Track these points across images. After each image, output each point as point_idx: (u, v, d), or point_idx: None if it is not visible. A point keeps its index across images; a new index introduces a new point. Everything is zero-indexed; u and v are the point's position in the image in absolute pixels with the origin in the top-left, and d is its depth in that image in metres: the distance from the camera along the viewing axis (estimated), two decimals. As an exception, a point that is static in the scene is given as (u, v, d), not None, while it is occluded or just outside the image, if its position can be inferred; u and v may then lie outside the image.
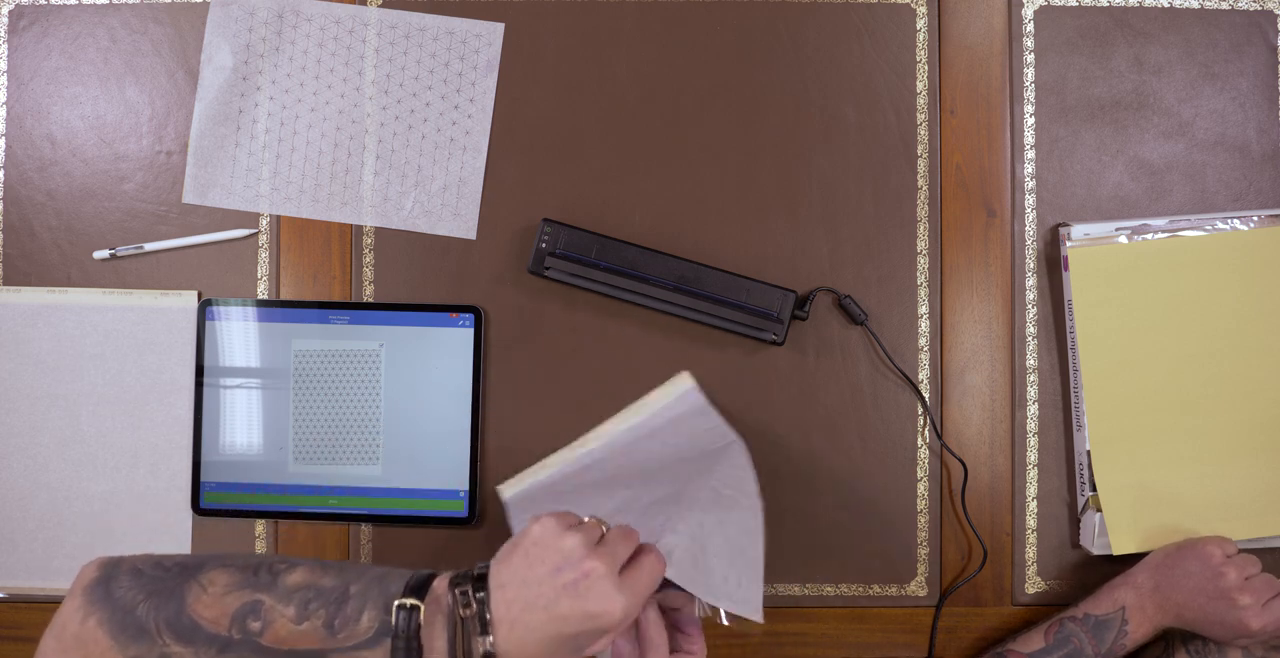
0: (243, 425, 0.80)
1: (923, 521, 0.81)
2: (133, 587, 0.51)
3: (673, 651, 0.60)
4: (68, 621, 0.50)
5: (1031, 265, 0.82)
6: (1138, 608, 0.74)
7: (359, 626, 0.49)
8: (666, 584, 0.57)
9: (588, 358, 0.81)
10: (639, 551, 0.53)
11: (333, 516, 0.80)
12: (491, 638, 0.48)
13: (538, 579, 0.49)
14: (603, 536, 0.52)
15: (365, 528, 0.81)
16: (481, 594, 0.49)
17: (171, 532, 0.80)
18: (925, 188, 0.82)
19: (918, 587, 0.81)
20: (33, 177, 0.82)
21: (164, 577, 0.51)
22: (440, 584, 0.51)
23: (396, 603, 0.49)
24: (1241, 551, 0.74)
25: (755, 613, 0.62)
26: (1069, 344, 0.80)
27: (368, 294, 0.81)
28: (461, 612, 0.49)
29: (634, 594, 0.50)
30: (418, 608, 0.49)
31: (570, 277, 0.78)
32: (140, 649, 0.49)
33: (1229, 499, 0.78)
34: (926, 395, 0.81)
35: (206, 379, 0.80)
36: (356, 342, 0.80)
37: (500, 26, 0.82)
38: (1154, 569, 0.75)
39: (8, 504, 0.81)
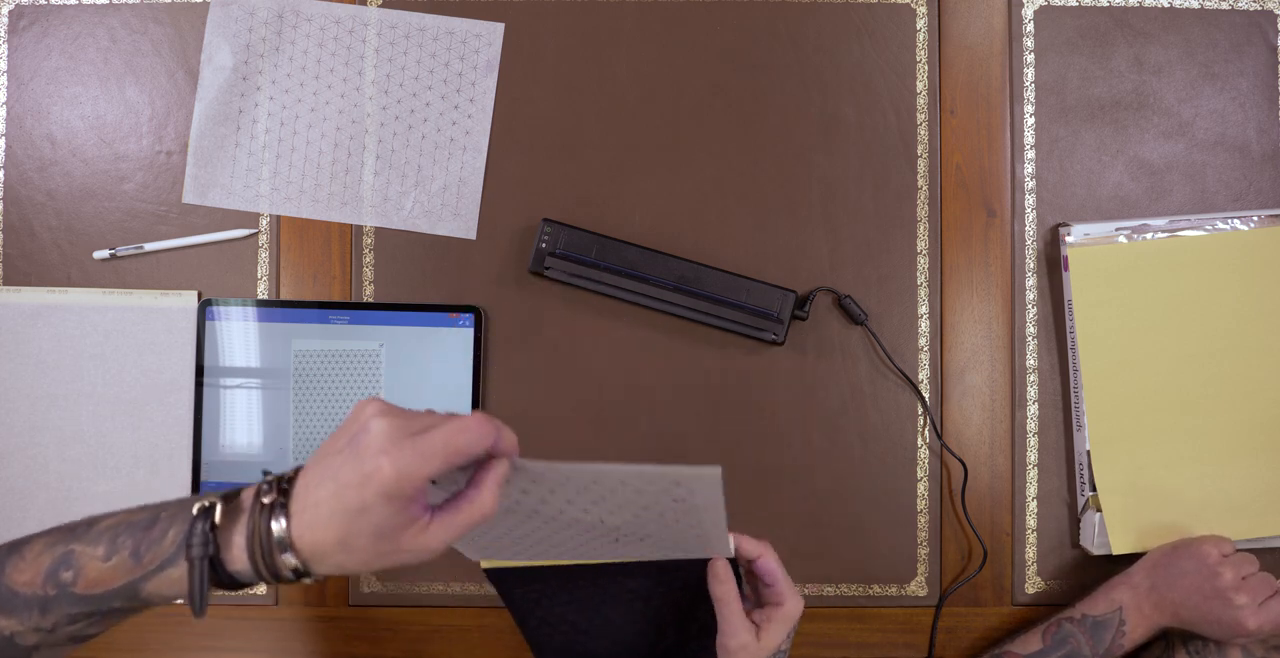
0: (243, 425, 0.80)
1: (923, 521, 0.81)
2: None
3: (762, 604, 0.62)
4: None
5: (1031, 265, 0.82)
6: (1135, 608, 0.74)
7: (162, 545, 0.46)
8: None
9: (588, 358, 0.81)
10: (455, 419, 0.45)
11: (333, 516, 0.80)
12: (285, 522, 0.44)
13: (335, 451, 0.45)
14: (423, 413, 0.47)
15: (365, 528, 0.81)
16: (285, 485, 0.45)
17: (171, 532, 0.80)
18: (925, 188, 0.82)
19: (918, 587, 0.81)
20: (33, 176, 0.82)
21: None
22: (249, 488, 0.47)
23: (199, 505, 0.46)
24: (1239, 550, 0.74)
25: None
26: (1069, 344, 0.80)
27: (368, 294, 0.81)
28: (264, 500, 0.45)
29: (411, 453, 0.43)
30: (214, 506, 0.46)
31: (570, 277, 0.78)
32: None
33: (1229, 499, 0.78)
34: (926, 395, 0.81)
35: (206, 379, 0.80)
36: (356, 342, 0.80)
37: (500, 26, 0.82)
38: (1150, 569, 0.75)
39: (8, 504, 0.81)
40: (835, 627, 0.81)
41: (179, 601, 0.47)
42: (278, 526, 0.44)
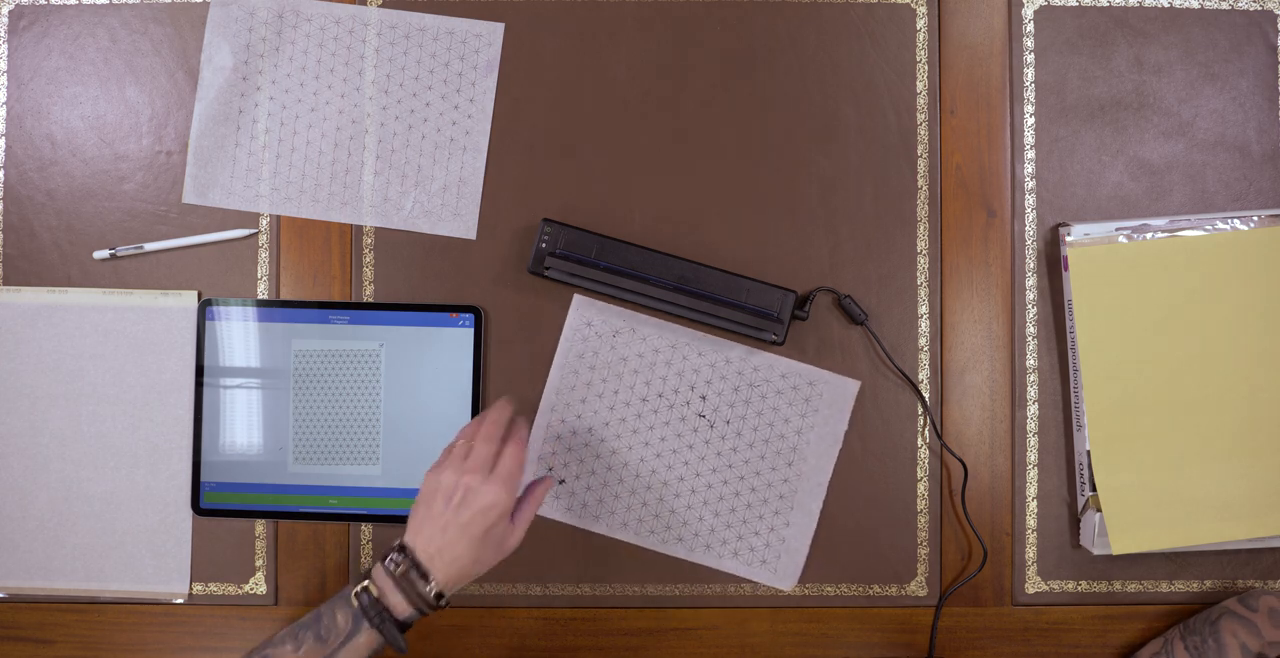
0: (243, 425, 0.80)
1: (923, 521, 0.81)
2: None
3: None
4: None
5: (1031, 265, 0.82)
6: None
7: (337, 627, 0.63)
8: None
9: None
10: (504, 442, 0.67)
11: (333, 516, 0.80)
12: (430, 577, 0.63)
13: (438, 514, 0.64)
14: (469, 450, 0.66)
15: (365, 528, 0.81)
16: (404, 553, 0.64)
17: (171, 532, 0.80)
18: (925, 188, 0.82)
19: (918, 587, 0.81)
20: (33, 176, 0.82)
21: None
22: (376, 568, 0.65)
23: (352, 593, 0.64)
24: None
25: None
26: (1069, 344, 0.80)
27: (368, 294, 0.81)
28: (398, 570, 0.63)
29: (506, 481, 0.65)
30: (368, 587, 0.64)
31: (570, 277, 0.78)
32: None
33: (1229, 499, 0.78)
34: (926, 395, 0.81)
35: (206, 379, 0.80)
36: (356, 342, 0.80)
37: (500, 26, 0.82)
38: None
39: (8, 504, 0.81)
40: (835, 627, 0.81)
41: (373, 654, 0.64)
42: (424, 583, 0.63)
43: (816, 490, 0.80)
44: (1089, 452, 0.79)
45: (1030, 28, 0.82)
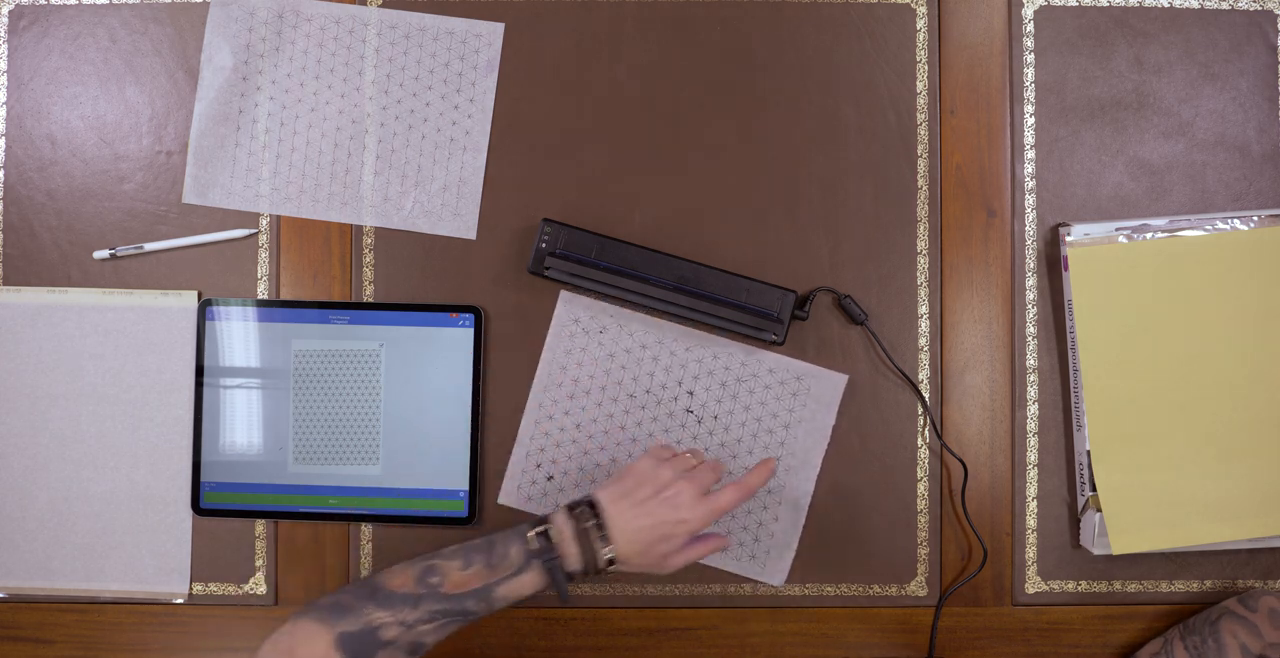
0: (243, 425, 0.80)
1: (923, 521, 0.81)
2: (328, 594, 0.64)
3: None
4: (280, 635, 0.62)
5: (1031, 265, 0.82)
6: None
7: (509, 559, 0.64)
8: None
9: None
10: (728, 484, 0.69)
11: (333, 516, 0.80)
12: (611, 544, 0.65)
13: (642, 499, 0.66)
14: (695, 466, 0.69)
15: (365, 528, 0.81)
16: (594, 511, 0.66)
17: (171, 532, 0.80)
18: (925, 188, 0.82)
19: (918, 587, 0.81)
20: (33, 177, 0.82)
21: (348, 585, 0.65)
22: (558, 515, 0.66)
23: (533, 533, 0.65)
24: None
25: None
26: (1069, 344, 0.80)
27: (368, 294, 0.81)
28: (583, 525, 0.65)
29: (711, 509, 0.67)
30: (547, 531, 0.65)
31: (570, 277, 0.78)
32: (346, 624, 0.61)
33: (1229, 499, 0.78)
34: (926, 395, 0.81)
35: (206, 379, 0.80)
36: (356, 342, 0.80)
37: (500, 26, 0.82)
38: None
39: (8, 504, 0.81)
40: (835, 627, 0.81)
41: (526, 595, 0.65)
42: (604, 546, 0.65)
43: (805, 485, 0.80)
44: (1089, 452, 0.79)
45: (1030, 28, 0.82)
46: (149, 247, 0.81)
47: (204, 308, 0.80)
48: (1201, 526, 0.78)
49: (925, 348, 0.82)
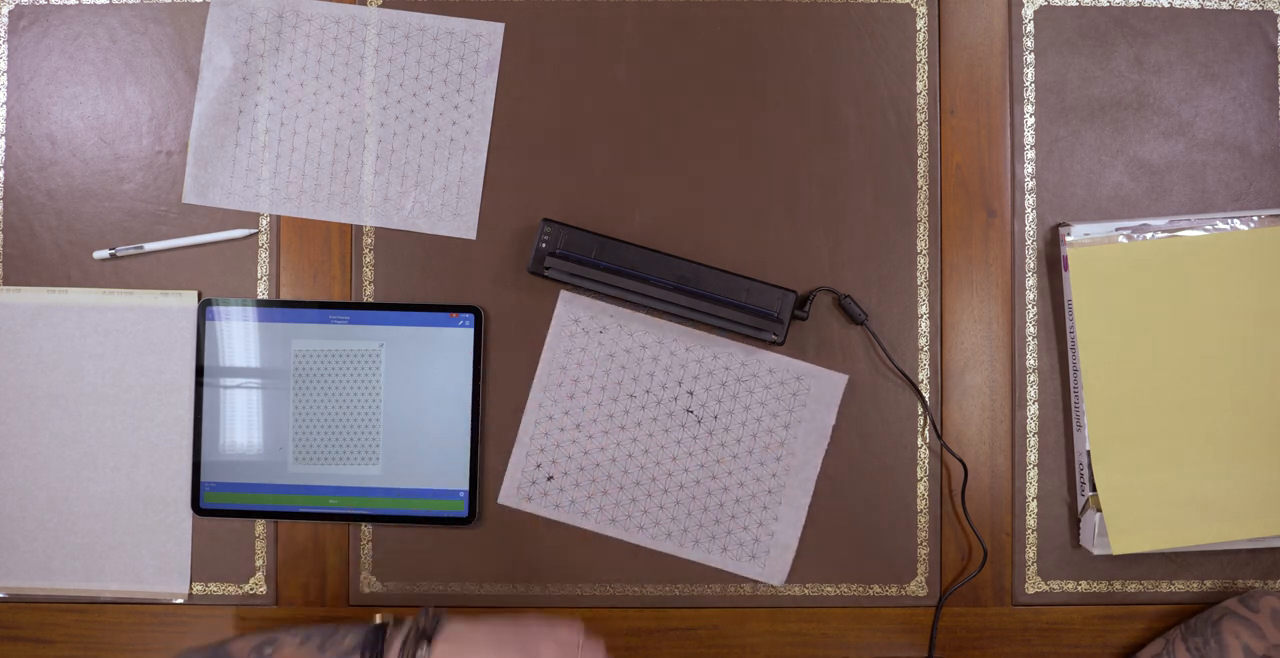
0: (243, 425, 0.80)
1: (923, 521, 0.81)
2: (188, 649, 0.66)
3: None
4: None
5: (1031, 265, 0.82)
6: None
7: (342, 646, 0.64)
8: None
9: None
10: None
11: (333, 516, 0.80)
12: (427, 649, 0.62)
13: (496, 647, 0.63)
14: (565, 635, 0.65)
15: (365, 528, 0.81)
16: (428, 637, 0.63)
17: (171, 532, 0.80)
18: (925, 188, 0.82)
19: (918, 587, 0.81)
20: (33, 177, 0.82)
21: (211, 644, 0.66)
22: (405, 623, 0.64)
23: (373, 625, 0.64)
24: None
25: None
26: (1069, 344, 0.80)
27: (368, 294, 0.81)
28: (413, 636, 0.63)
29: None
30: (385, 626, 0.64)
31: (570, 277, 0.78)
32: None
33: (1229, 499, 0.78)
34: (926, 395, 0.81)
35: (206, 379, 0.80)
36: (356, 342, 0.80)
37: (500, 26, 0.82)
38: None
39: (8, 504, 0.81)
40: (835, 627, 0.81)
41: None
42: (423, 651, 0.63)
43: (805, 485, 0.80)
44: (1089, 452, 0.79)
45: (1030, 28, 0.82)
46: (149, 247, 0.81)
47: (204, 308, 0.80)
48: (1201, 526, 0.78)
49: (925, 348, 0.82)
